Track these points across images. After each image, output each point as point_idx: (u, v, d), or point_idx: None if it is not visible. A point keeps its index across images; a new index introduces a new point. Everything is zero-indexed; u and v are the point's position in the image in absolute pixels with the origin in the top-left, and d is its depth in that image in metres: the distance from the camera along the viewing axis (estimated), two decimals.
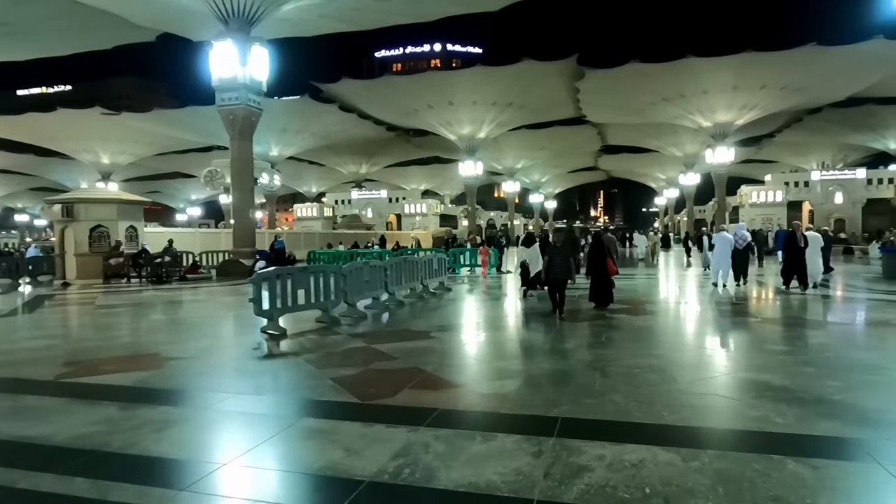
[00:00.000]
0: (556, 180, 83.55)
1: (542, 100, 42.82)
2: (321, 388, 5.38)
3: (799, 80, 36.14)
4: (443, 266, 14.50)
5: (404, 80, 42.88)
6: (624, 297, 12.35)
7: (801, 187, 55.54)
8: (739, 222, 23.93)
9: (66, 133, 51.11)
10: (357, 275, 10.05)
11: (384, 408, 4.70)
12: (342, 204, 69.06)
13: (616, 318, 9.45)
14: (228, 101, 20.17)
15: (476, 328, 9.02)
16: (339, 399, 4.96)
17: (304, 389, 5.38)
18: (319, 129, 49.73)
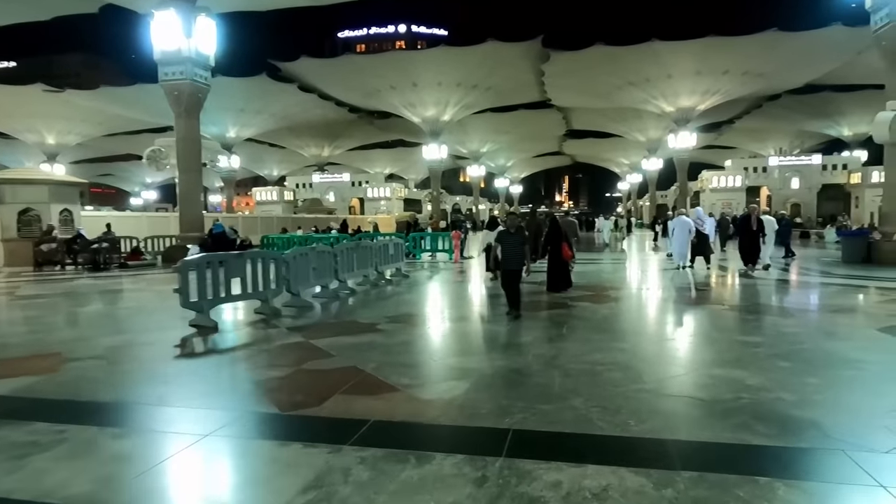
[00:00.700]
0: (521, 165, 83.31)
1: (507, 82, 42.13)
2: (239, 395, 4.64)
3: (760, 65, 36.36)
4: (399, 251, 13.78)
5: (366, 60, 41.69)
6: (587, 284, 11.89)
7: (760, 173, 56.46)
8: (698, 207, 23.60)
9: (6, 111, 48.08)
10: (302, 261, 9.25)
11: (307, 420, 4.00)
12: (303, 188, 67.34)
13: (579, 307, 8.92)
14: (172, 76, 18.86)
15: (428, 319, 8.35)
16: (257, 409, 4.23)
17: (219, 397, 4.62)
18: (279, 110, 48.09)
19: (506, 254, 8.08)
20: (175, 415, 4.20)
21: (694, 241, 14.77)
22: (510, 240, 8.08)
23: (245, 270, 8.13)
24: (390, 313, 8.42)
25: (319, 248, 10.05)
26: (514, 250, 8.04)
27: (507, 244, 8.08)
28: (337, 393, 4.52)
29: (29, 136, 53.53)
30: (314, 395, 4.49)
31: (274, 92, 44.05)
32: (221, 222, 18.39)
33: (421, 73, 41.33)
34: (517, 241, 8.06)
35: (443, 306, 9.58)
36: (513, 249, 8.04)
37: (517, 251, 8.03)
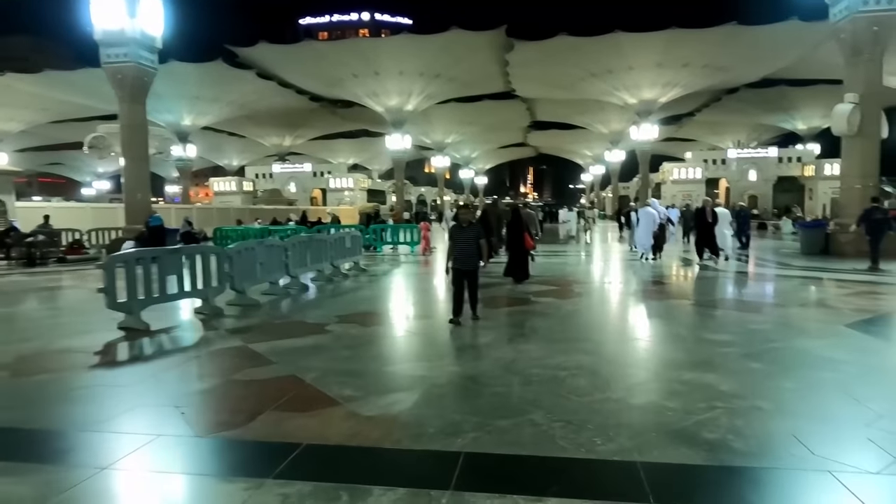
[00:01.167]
0: (486, 156, 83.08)
1: (471, 72, 41.60)
2: (155, 413, 4.05)
3: (719, 58, 36.79)
4: (357, 244, 13.18)
5: (327, 47, 40.59)
6: (551, 277, 11.57)
7: (719, 165, 57.55)
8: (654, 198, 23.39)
9: None
10: (247, 256, 8.60)
11: (230, 445, 3.45)
12: (263, 178, 65.62)
13: (541, 303, 8.53)
14: (116, 59, 17.72)
15: (381, 319, 7.82)
16: (172, 432, 3.65)
17: (131, 416, 4.01)
18: (236, 98, 46.46)
19: (458, 251, 7.03)
20: (73, 442, 3.58)
21: (656, 232, 15.00)
22: (463, 236, 7.02)
23: (182, 267, 7.45)
24: (342, 312, 7.87)
25: (267, 241, 9.42)
26: (467, 248, 7.02)
27: (460, 241, 7.03)
28: (268, 409, 3.98)
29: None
30: (242, 412, 3.95)
31: (231, 79, 42.49)
32: (160, 215, 17.29)
33: (383, 62, 40.44)
34: (471, 236, 7.03)
35: (398, 304, 9.08)
36: (467, 247, 7.02)
37: (471, 249, 7.02)
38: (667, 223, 15.96)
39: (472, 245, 7.03)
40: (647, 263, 14.41)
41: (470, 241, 7.04)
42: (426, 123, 55.30)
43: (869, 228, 12.80)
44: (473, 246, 7.04)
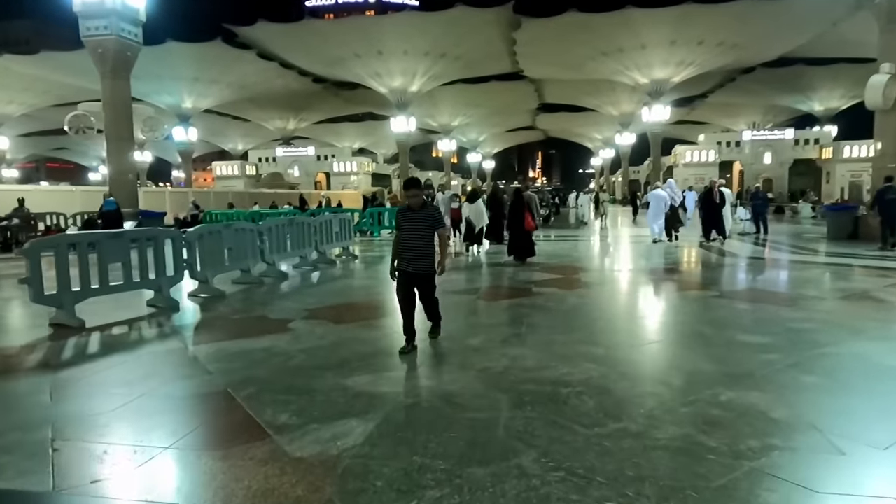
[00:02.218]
0: (493, 139, 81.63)
1: (477, 51, 40.19)
2: (26, 450, 3.06)
3: (735, 35, 35.23)
4: (346, 228, 12.17)
5: (328, 25, 39.41)
6: (557, 265, 10.51)
7: (733, 147, 55.88)
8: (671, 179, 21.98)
9: None
10: (212, 241, 7.60)
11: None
12: (267, 162, 64.66)
13: (544, 294, 7.50)
14: (96, 32, 16.71)
15: (356, 314, 6.64)
16: (23, 483, 2.66)
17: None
18: (236, 79, 45.34)
19: (404, 245, 4.91)
20: None
21: (668, 214, 14.89)
22: (412, 224, 4.89)
23: (128, 253, 6.47)
24: (314, 305, 6.86)
25: (236, 225, 8.41)
26: (417, 241, 4.86)
27: (407, 231, 4.91)
28: (171, 446, 2.98)
29: None
30: (136, 451, 2.95)
31: (230, 59, 41.38)
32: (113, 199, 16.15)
33: (386, 41, 39.15)
34: (423, 225, 4.88)
35: (381, 295, 7.97)
36: (416, 240, 4.86)
37: (422, 243, 4.87)
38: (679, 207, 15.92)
39: (423, 238, 4.86)
40: (661, 248, 13.55)
41: (421, 232, 4.85)
42: (432, 105, 53.98)
43: (881, 208, 12.63)
44: (425, 239, 4.86)
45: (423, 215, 4.87)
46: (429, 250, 4.87)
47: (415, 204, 4.88)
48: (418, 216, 4.85)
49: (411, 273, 4.85)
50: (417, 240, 4.82)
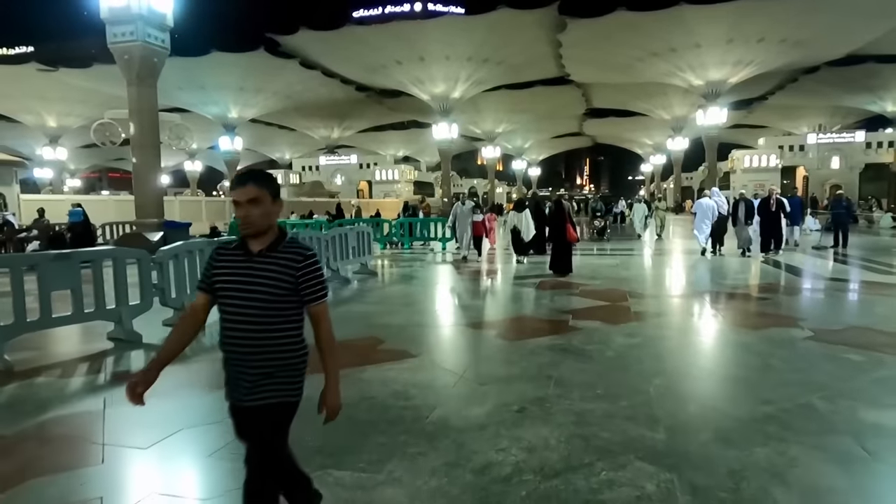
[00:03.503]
0: (539, 146, 79.92)
1: (521, 55, 39.02)
2: None
3: (798, 32, 32.80)
4: (364, 243, 11.19)
5: (368, 32, 38.76)
6: (602, 288, 9.19)
7: (796, 151, 52.50)
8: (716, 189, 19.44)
9: (4, 92, 46.38)
10: (189, 262, 6.69)
11: None
12: (310, 170, 65.08)
13: (583, 331, 6.25)
14: (122, 38, 16.39)
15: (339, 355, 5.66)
16: None
17: None
18: (280, 88, 45.63)
19: (228, 339, 2.16)
20: None
21: (715, 224, 14.39)
22: (244, 283, 2.10)
23: (77, 278, 5.58)
24: None
25: (219, 242, 7.49)
26: (251, 326, 2.09)
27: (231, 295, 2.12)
28: None
29: (28, 117, 52.09)
30: None
31: (273, 68, 41.62)
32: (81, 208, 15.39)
33: (428, 46, 38.50)
34: (269, 285, 2.09)
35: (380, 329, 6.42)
36: (248, 322, 2.09)
37: (262, 331, 2.10)
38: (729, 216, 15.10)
39: (264, 318, 2.10)
40: (722, 264, 12.28)
41: (261, 305, 2.09)
42: (475, 112, 53.05)
43: None
44: (270, 321, 2.11)
45: (270, 264, 2.10)
46: (276, 349, 2.11)
47: (251, 230, 2.13)
48: (259, 266, 2.10)
49: (241, 408, 2.17)
50: (251, 326, 2.09)
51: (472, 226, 13.32)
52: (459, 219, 13.34)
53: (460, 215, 13.53)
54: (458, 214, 13.63)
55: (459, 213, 13.62)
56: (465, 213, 13.59)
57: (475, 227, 13.39)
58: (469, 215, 13.54)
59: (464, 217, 13.53)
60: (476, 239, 13.37)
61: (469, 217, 13.52)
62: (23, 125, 54.45)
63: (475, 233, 13.33)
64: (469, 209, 13.68)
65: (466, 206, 13.89)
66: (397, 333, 6.12)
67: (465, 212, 13.62)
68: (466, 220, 13.50)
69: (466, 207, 13.78)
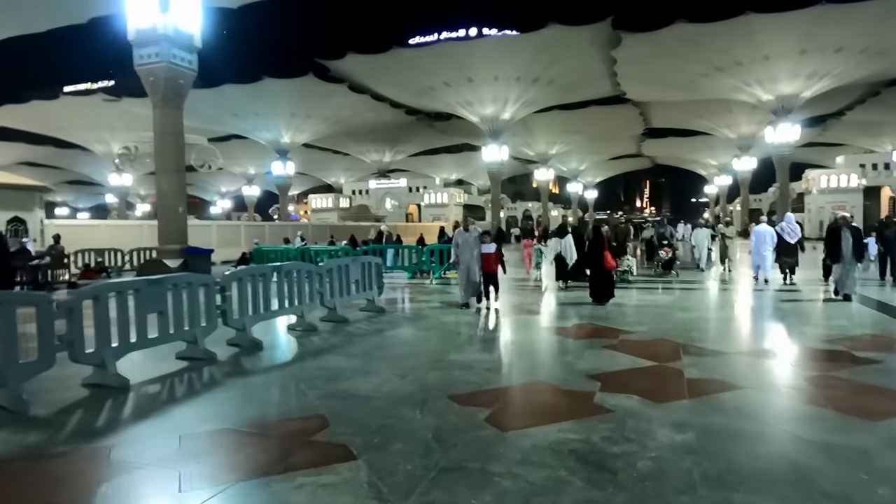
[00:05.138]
0: (595, 168, 77.28)
1: (573, 74, 37.40)
2: None
3: (881, 40, 29.67)
4: (371, 275, 9.77)
5: (415, 54, 38.16)
6: (648, 338, 7.38)
7: (880, 171, 47.95)
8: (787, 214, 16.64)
9: (73, 122, 48.59)
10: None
11: None
12: (360, 194, 65.05)
13: (614, 413, 4.44)
14: (148, 60, 15.97)
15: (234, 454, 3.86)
16: None
17: None
18: (330, 113, 45.75)
19: None
20: None
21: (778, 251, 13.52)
22: None
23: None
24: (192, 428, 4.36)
25: (166, 278, 6.26)
26: None
27: None
28: None
29: (97, 146, 54.38)
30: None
31: (323, 93, 41.70)
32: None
33: (476, 67, 37.52)
34: None
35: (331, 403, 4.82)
36: None
37: None
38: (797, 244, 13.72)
39: None
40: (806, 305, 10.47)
41: None
42: (527, 134, 51.60)
43: None
44: None
45: None
46: None
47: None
48: None
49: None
50: None
51: (480, 260, 10.19)
52: (462, 249, 10.30)
53: (463, 245, 10.41)
54: (460, 244, 10.50)
55: (462, 242, 10.47)
56: (469, 242, 10.42)
57: (484, 262, 10.18)
58: (475, 245, 10.33)
59: (468, 247, 10.34)
60: (486, 277, 10.22)
61: (475, 248, 10.32)
62: (90, 153, 57.09)
63: (485, 268, 10.15)
64: (475, 237, 10.46)
65: (472, 232, 10.61)
66: (352, 410, 4.55)
67: (469, 241, 10.44)
68: (471, 253, 10.31)
69: (471, 235, 10.53)
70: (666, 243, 16.45)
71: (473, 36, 40.02)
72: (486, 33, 52.19)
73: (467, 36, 39.61)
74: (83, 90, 49.34)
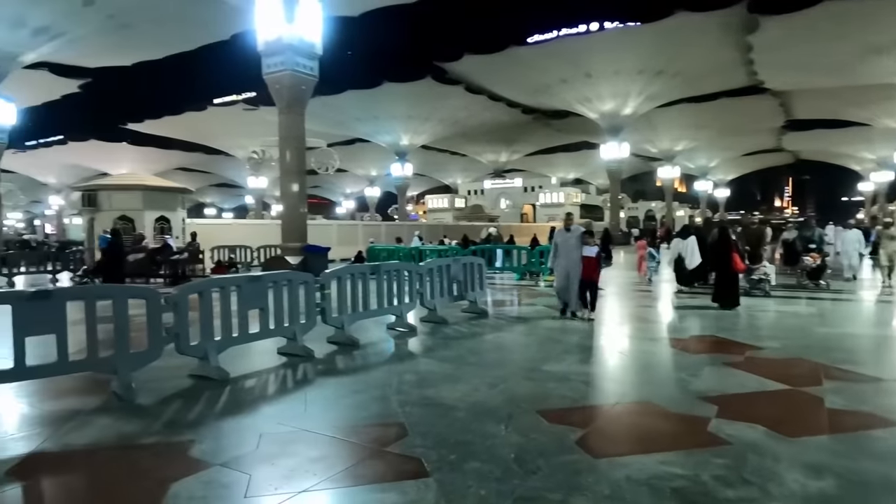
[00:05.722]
0: (727, 165, 71.56)
1: (701, 64, 34.88)
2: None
3: None
4: (474, 276, 9.52)
5: (531, 52, 37.51)
6: (782, 356, 6.48)
7: None
8: None
9: (219, 130, 53.45)
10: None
11: None
12: (475, 194, 65.36)
13: (728, 448, 3.78)
14: (274, 69, 16.96)
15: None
16: None
17: None
18: (447, 115, 46.46)
19: None
20: None
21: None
22: None
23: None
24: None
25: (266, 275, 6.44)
26: None
27: None
28: None
29: (239, 151, 59.36)
30: None
31: (439, 95, 42.41)
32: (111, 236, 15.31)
33: (594, 62, 36.29)
34: None
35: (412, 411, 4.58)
36: None
37: None
38: None
39: None
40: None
41: None
42: (650, 130, 49.00)
43: None
44: None
45: None
46: None
47: None
48: None
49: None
50: None
51: (582, 263, 8.88)
52: (561, 252, 9.11)
53: (562, 246, 9.20)
54: (559, 245, 9.29)
55: (561, 243, 9.23)
56: (569, 244, 9.11)
57: (585, 266, 8.85)
58: (576, 247, 9.01)
59: (567, 250, 9.08)
60: (585, 285, 8.90)
61: (576, 250, 9.01)
62: (233, 158, 62.51)
63: (585, 275, 8.86)
64: (576, 238, 9.10)
65: (572, 232, 9.25)
66: (433, 420, 4.31)
67: (569, 242, 9.13)
68: (571, 256, 9.01)
69: (572, 235, 9.18)
70: (814, 247, 14.00)
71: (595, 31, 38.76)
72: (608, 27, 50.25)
73: (587, 31, 38.42)
74: (228, 101, 54.14)
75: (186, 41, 30.65)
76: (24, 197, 65.88)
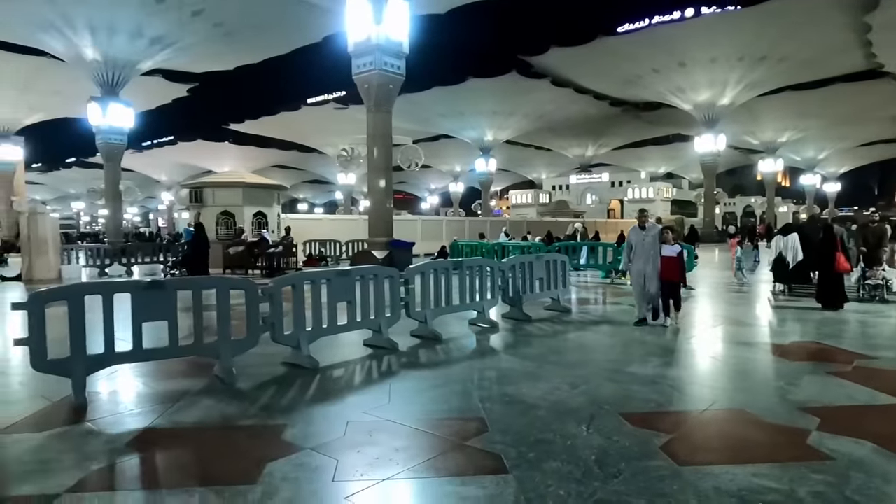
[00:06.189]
0: (840, 157, 65.83)
1: (810, 48, 32.32)
2: None
3: None
4: (556, 273, 9.40)
5: (621, 42, 36.33)
6: (892, 369, 5.94)
7: None
8: None
9: (312, 129, 55.75)
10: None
11: None
12: (560, 189, 64.14)
13: (830, 464, 3.55)
14: (363, 69, 17.53)
15: None
16: None
17: None
18: (532, 109, 45.97)
19: None
20: None
21: None
22: None
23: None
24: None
25: (354, 270, 6.68)
26: None
27: None
28: None
29: (329, 149, 61.70)
30: None
31: (524, 90, 42.08)
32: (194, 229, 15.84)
33: (688, 50, 34.59)
34: None
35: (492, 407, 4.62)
36: None
37: None
38: None
39: None
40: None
41: None
42: (750, 120, 46.04)
43: None
44: None
45: None
46: None
47: None
48: None
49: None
50: None
51: (661, 263, 8.10)
52: (636, 252, 8.33)
53: (637, 246, 8.37)
54: (634, 245, 8.45)
55: (636, 242, 8.40)
56: (645, 243, 8.28)
57: (664, 268, 8.06)
58: (652, 246, 8.20)
59: (644, 250, 8.27)
60: (666, 286, 8.10)
61: (653, 249, 8.18)
62: (325, 156, 65.05)
63: (664, 276, 8.06)
64: (652, 236, 8.26)
65: (648, 230, 8.38)
66: (513, 418, 4.36)
67: (645, 241, 8.30)
68: (648, 255, 8.21)
69: (648, 234, 8.33)
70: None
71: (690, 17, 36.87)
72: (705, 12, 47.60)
73: (682, 18, 36.58)
74: (321, 101, 56.41)
75: (282, 45, 32.28)
76: (140, 193, 71.95)
